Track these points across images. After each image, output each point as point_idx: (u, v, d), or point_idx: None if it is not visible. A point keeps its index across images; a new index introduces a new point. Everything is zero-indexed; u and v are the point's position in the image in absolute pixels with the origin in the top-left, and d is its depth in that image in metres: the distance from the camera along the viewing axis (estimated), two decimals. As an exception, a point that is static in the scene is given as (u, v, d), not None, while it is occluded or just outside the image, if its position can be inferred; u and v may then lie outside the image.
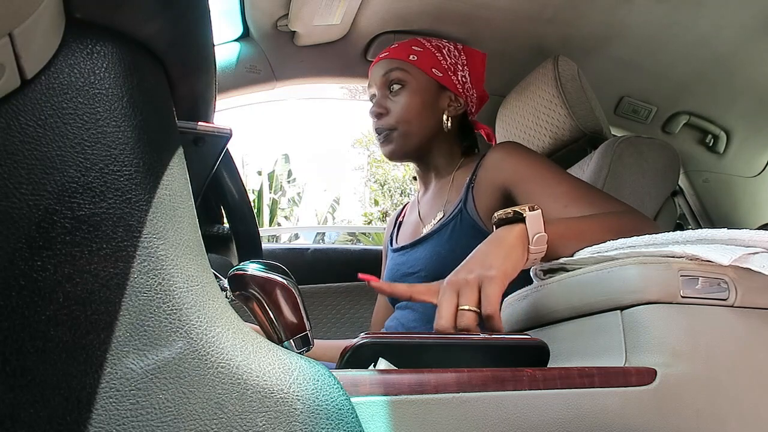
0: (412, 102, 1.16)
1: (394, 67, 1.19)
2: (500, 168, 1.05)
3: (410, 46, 1.21)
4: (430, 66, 1.19)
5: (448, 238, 1.07)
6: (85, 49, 0.39)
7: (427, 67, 1.19)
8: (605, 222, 0.81)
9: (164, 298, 0.39)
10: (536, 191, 0.97)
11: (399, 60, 1.19)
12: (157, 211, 0.40)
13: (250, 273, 0.49)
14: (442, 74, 1.20)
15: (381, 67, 1.21)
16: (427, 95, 1.19)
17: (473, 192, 1.09)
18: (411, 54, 1.20)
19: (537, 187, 0.98)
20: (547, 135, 1.38)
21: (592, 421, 0.53)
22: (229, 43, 1.50)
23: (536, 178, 0.99)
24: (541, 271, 0.76)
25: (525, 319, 0.75)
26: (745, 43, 1.58)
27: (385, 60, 1.21)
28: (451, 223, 1.09)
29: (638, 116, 1.82)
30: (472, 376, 0.50)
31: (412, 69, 1.18)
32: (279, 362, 0.42)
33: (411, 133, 1.17)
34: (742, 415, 0.59)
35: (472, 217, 1.06)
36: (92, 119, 0.39)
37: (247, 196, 0.88)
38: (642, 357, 0.58)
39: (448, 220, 1.10)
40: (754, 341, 0.61)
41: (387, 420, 0.45)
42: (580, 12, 1.47)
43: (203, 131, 0.57)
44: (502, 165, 1.06)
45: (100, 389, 0.36)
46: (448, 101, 1.21)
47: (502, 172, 1.05)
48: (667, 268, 0.59)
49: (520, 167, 1.02)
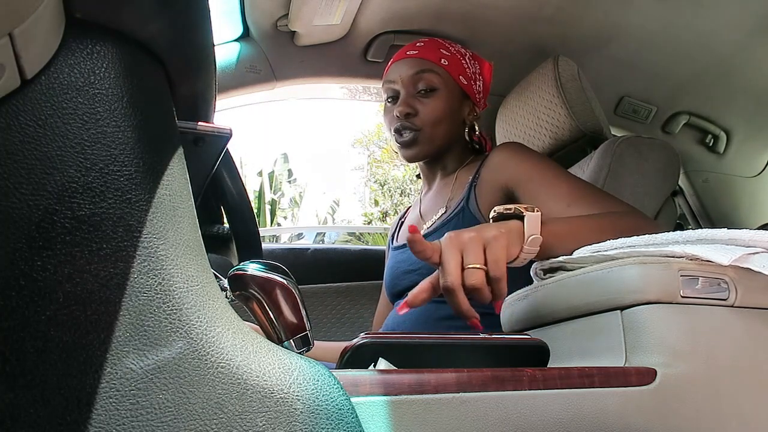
0: (442, 108, 1.14)
1: (427, 69, 1.15)
2: (503, 167, 1.06)
3: (438, 48, 1.18)
4: (459, 73, 1.18)
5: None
6: (85, 49, 0.39)
7: (456, 74, 1.18)
8: (604, 222, 0.81)
9: (164, 298, 0.39)
10: (538, 191, 0.97)
11: (431, 62, 1.16)
12: (157, 211, 0.40)
13: (250, 273, 0.49)
14: (467, 83, 1.19)
15: (411, 65, 1.17)
16: (455, 103, 1.17)
17: (476, 191, 1.09)
18: (442, 58, 1.17)
19: (539, 186, 0.97)
20: (547, 135, 1.38)
21: (592, 421, 0.53)
22: (229, 43, 1.50)
23: (539, 178, 0.99)
24: (541, 271, 0.76)
25: (525, 319, 0.75)
26: (745, 43, 1.58)
27: (416, 59, 1.17)
28: (453, 220, 1.10)
29: (638, 116, 1.82)
30: (472, 376, 0.50)
31: (444, 74, 1.16)
32: (279, 362, 0.42)
33: (436, 138, 1.15)
34: (742, 415, 0.59)
35: (474, 215, 1.07)
36: (92, 119, 0.39)
37: (248, 196, 0.88)
38: (642, 357, 0.58)
39: (450, 218, 1.11)
40: (754, 341, 0.61)
41: (387, 420, 0.45)
42: (580, 12, 1.47)
43: (203, 131, 0.57)
44: (505, 164, 1.06)
45: (100, 389, 0.36)
46: (468, 110, 1.21)
47: (504, 172, 1.05)
48: (667, 268, 0.59)
49: (522, 167, 1.02)
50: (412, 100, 1.15)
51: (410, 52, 1.19)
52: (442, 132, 1.15)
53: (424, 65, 1.16)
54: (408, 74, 1.16)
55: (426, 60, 1.16)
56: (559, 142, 1.37)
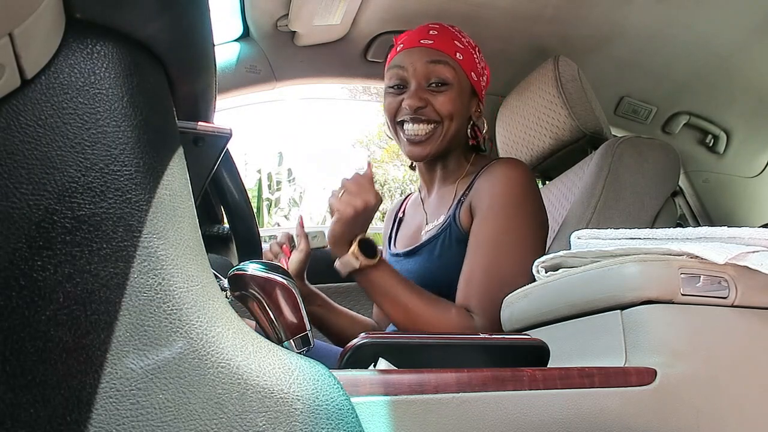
0: (454, 103, 1.08)
1: (442, 60, 1.08)
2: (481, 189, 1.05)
3: (453, 39, 1.11)
4: (471, 69, 1.12)
5: (438, 253, 1.07)
6: (86, 49, 0.39)
7: (468, 70, 1.11)
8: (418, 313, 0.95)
9: (164, 298, 0.39)
10: (476, 226, 1.02)
11: (447, 55, 1.09)
12: (157, 211, 0.40)
13: (250, 273, 0.49)
14: (477, 79, 1.14)
15: (425, 54, 1.08)
16: (465, 99, 1.12)
17: (461, 206, 1.08)
18: (457, 51, 1.10)
19: (479, 223, 1.02)
20: (548, 135, 1.38)
21: (592, 421, 0.53)
22: (229, 43, 1.50)
23: (488, 217, 1.01)
24: (542, 269, 0.76)
25: (525, 317, 0.75)
26: (745, 43, 1.58)
27: (431, 49, 1.09)
28: (441, 234, 1.08)
29: (638, 116, 1.82)
30: (472, 376, 0.50)
31: (458, 68, 1.09)
32: (279, 362, 0.42)
33: (448, 135, 1.09)
34: (742, 414, 0.59)
35: (460, 229, 1.06)
36: (92, 119, 0.39)
37: (248, 195, 0.88)
38: (642, 357, 0.58)
39: (439, 231, 1.09)
40: (754, 341, 0.61)
41: (387, 420, 0.45)
42: (580, 12, 1.47)
43: (203, 131, 0.57)
44: (484, 186, 1.05)
45: (100, 389, 0.36)
46: (474, 107, 1.15)
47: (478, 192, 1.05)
48: (668, 266, 0.59)
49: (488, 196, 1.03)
50: (423, 92, 1.08)
51: (424, 40, 1.10)
52: (454, 129, 1.09)
53: (440, 56, 1.08)
54: (421, 64, 1.08)
55: (441, 52, 1.09)
56: (559, 143, 1.37)
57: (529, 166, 1.48)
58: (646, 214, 1.22)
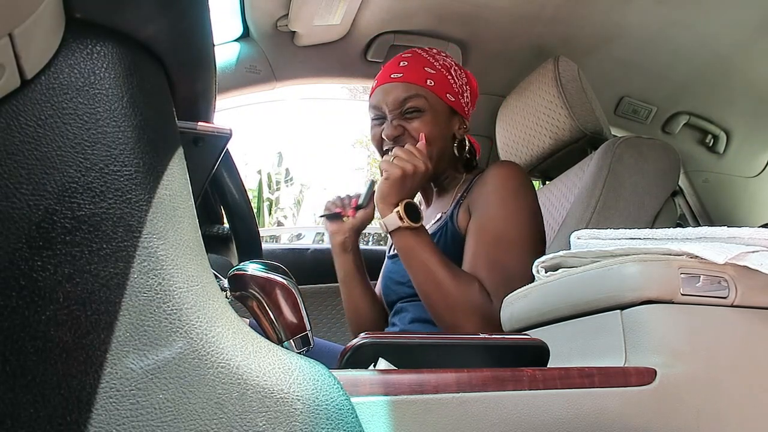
0: (429, 129, 1.13)
1: (412, 95, 1.14)
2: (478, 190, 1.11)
3: (423, 67, 1.16)
4: (445, 91, 1.16)
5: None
6: (85, 49, 0.39)
7: (442, 93, 1.16)
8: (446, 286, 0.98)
9: (164, 298, 0.39)
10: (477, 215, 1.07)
11: (416, 86, 1.14)
12: (157, 211, 0.40)
13: (250, 273, 0.49)
14: (455, 99, 1.17)
15: (395, 91, 1.15)
16: (442, 120, 1.16)
17: (459, 207, 1.14)
18: (428, 78, 1.15)
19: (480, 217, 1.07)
20: (548, 135, 1.38)
21: (592, 421, 0.53)
22: (229, 43, 1.50)
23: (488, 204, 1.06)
24: (542, 268, 0.76)
25: (525, 318, 0.75)
26: (745, 43, 1.58)
27: (401, 84, 1.15)
28: (438, 233, 1.14)
29: (638, 116, 1.82)
30: (472, 376, 0.50)
31: (429, 95, 1.14)
32: (279, 362, 0.42)
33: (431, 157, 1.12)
34: (742, 415, 0.59)
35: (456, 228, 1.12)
36: (92, 119, 0.39)
37: (248, 195, 0.88)
38: (642, 357, 0.58)
39: (436, 230, 1.15)
40: (754, 341, 0.61)
41: (387, 420, 0.45)
42: (580, 12, 1.47)
43: (203, 131, 0.57)
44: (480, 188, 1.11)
45: (100, 389, 0.36)
46: (458, 125, 1.19)
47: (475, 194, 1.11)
48: (668, 266, 0.59)
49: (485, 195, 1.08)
50: (398, 120, 1.14)
51: (394, 75, 1.16)
52: (436, 151, 1.14)
53: (409, 91, 1.14)
54: (395, 100, 1.14)
55: (411, 84, 1.14)
56: (559, 143, 1.37)
57: (529, 166, 1.49)
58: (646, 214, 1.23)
